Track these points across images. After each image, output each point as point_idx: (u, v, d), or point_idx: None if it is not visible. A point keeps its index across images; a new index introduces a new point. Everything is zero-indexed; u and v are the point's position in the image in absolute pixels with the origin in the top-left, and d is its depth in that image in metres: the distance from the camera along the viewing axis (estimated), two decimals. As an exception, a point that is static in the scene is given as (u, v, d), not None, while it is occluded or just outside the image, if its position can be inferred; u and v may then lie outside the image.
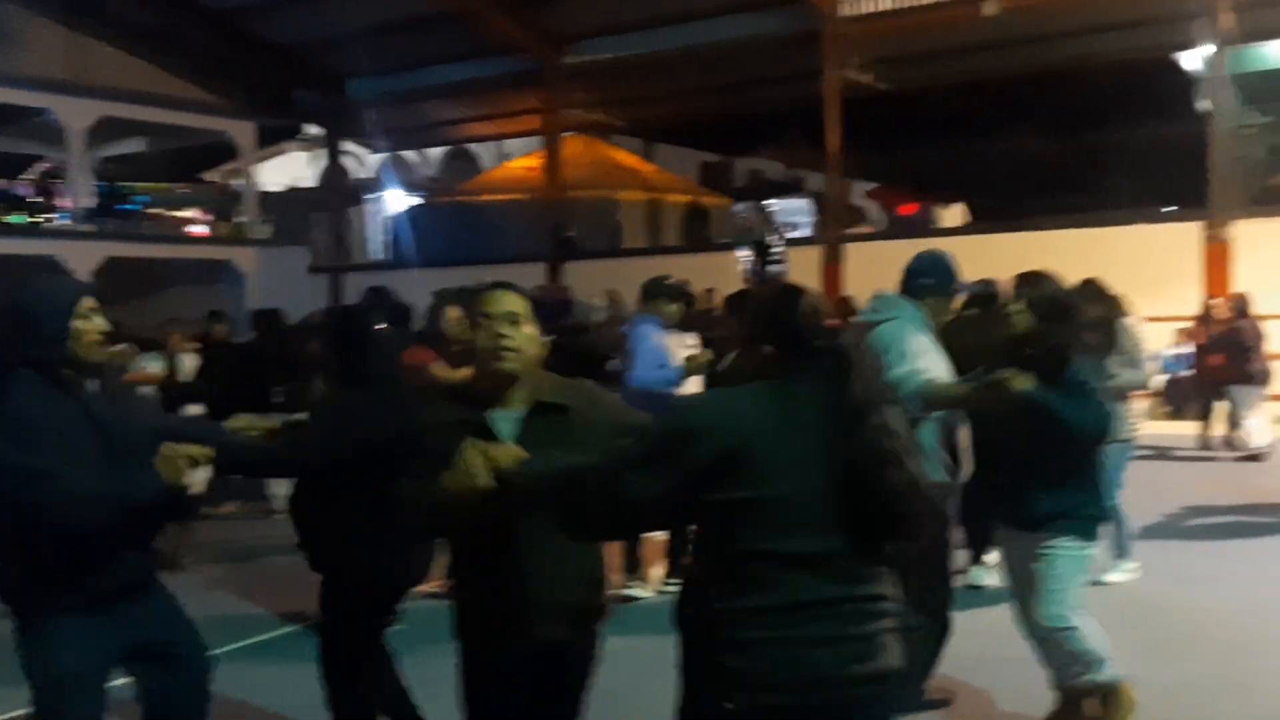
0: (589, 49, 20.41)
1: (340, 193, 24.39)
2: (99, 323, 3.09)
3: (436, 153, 29.52)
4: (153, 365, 10.47)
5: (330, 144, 24.60)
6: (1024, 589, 4.34)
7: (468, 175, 27.78)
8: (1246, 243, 15.52)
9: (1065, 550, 4.22)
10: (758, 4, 17.86)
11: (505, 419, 2.86)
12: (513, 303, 2.92)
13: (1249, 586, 6.57)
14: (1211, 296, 13.78)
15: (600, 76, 20.68)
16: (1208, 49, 16.11)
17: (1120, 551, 6.73)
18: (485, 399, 2.90)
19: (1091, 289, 6.69)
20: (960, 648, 4.76)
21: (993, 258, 14.38)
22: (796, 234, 22.11)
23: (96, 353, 3.09)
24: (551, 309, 11.41)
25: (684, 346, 6.74)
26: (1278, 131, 20.73)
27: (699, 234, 21.30)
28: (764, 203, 23.37)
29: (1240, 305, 11.60)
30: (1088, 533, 4.30)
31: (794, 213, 24.37)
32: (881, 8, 17.47)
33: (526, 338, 2.89)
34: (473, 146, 29.38)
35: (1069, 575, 4.24)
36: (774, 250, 11.26)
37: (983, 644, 5.22)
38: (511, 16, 19.39)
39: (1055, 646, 4.29)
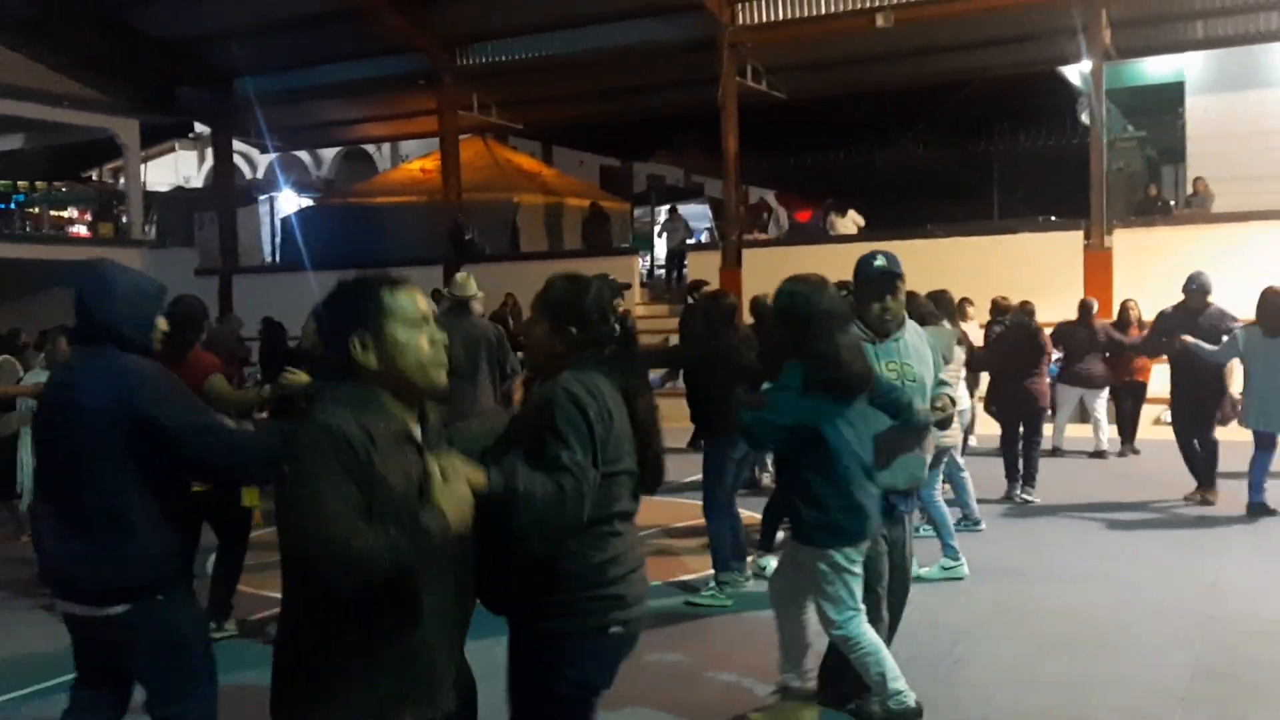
0: (486, 51, 20.21)
1: (229, 193, 23.71)
2: None
3: (330, 153, 28.98)
4: (40, 376, 9.82)
5: (218, 143, 23.91)
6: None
7: (363, 176, 27.34)
8: (1125, 251, 16.08)
9: (810, 556, 4.36)
10: (656, 10, 17.89)
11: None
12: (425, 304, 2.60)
13: (1124, 584, 6.77)
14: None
15: (498, 78, 20.50)
16: (1088, 64, 16.65)
17: (946, 549, 6.97)
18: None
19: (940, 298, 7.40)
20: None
21: (886, 265, 14.70)
22: (696, 238, 22.30)
23: None
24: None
25: None
26: (1153, 144, 21.57)
27: (599, 237, 21.27)
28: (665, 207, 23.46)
29: (1086, 310, 11.96)
30: (826, 539, 4.31)
31: (693, 218, 24.56)
32: (777, 17, 17.66)
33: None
34: (368, 147, 28.93)
35: (826, 579, 4.32)
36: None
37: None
38: (405, 16, 19.08)
39: (841, 645, 4.42)
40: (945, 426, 5.58)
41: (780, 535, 6.70)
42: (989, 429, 10.56)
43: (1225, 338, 8.75)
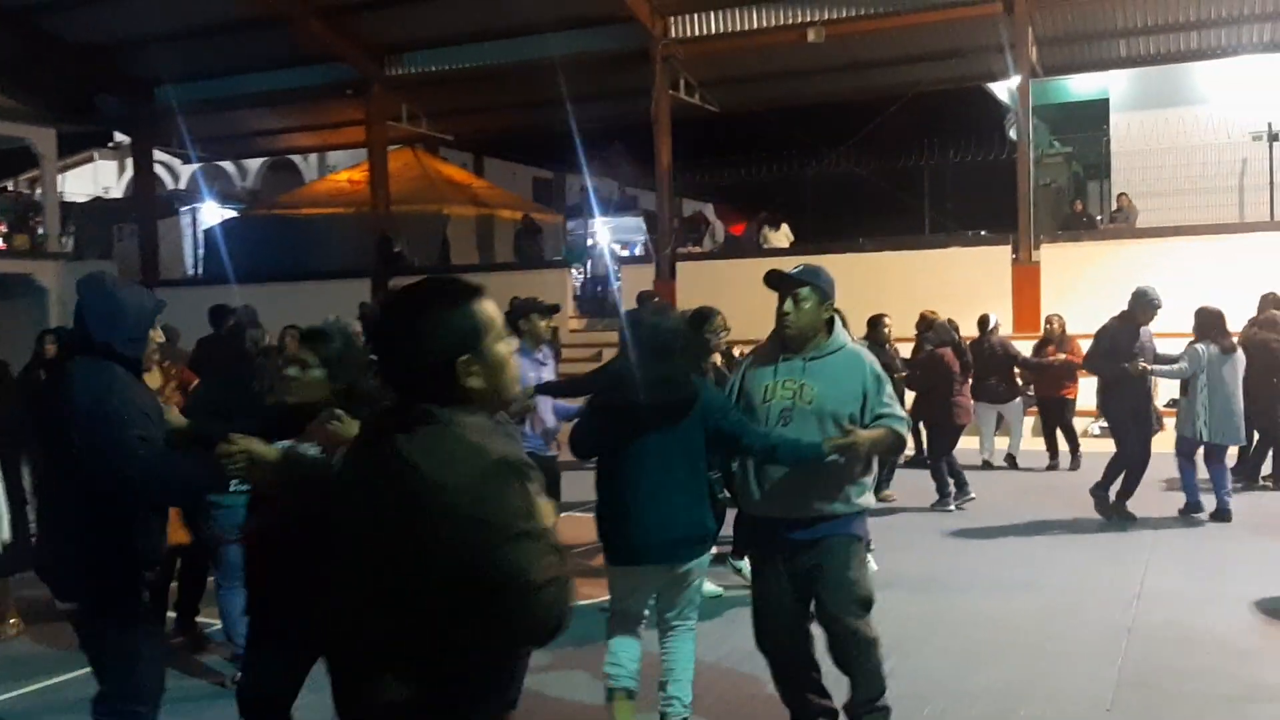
0: (416, 61, 19.96)
1: (149, 204, 23.09)
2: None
3: (255, 164, 28.42)
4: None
5: (138, 152, 23.29)
6: None
7: (289, 187, 26.85)
8: (1052, 265, 16.26)
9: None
10: (588, 22, 17.77)
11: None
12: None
13: (1052, 594, 6.74)
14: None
15: (428, 89, 20.25)
16: (1015, 81, 16.84)
17: None
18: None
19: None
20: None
21: (817, 278, 14.71)
22: (630, 251, 22.21)
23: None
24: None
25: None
26: (1079, 160, 21.93)
27: (531, 250, 21.07)
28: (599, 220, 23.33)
29: (983, 325, 12.02)
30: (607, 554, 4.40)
31: (627, 230, 24.47)
32: (709, 31, 17.66)
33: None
34: (295, 158, 28.43)
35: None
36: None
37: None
38: (331, 25, 18.74)
39: None
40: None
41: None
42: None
43: (1183, 354, 8.83)
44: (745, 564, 6.48)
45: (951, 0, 16.11)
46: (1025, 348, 12.54)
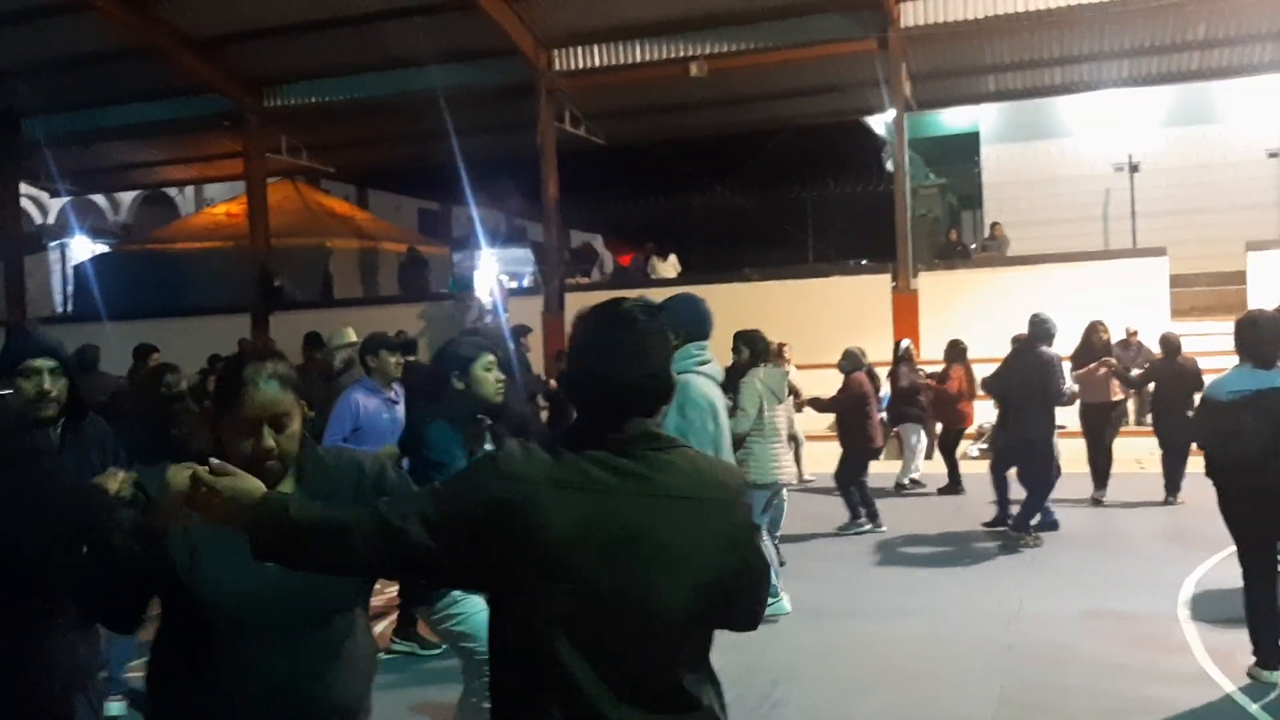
0: (295, 92, 19.60)
1: (15, 239, 22.12)
2: None
3: (128, 197, 27.51)
4: None
5: (2, 186, 22.30)
6: None
7: (164, 221, 26.06)
8: (930, 292, 16.71)
9: None
10: (471, 55, 17.72)
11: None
12: (282, 403, 2.31)
13: (935, 618, 6.87)
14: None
15: (308, 120, 19.90)
16: (891, 115, 17.33)
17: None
18: None
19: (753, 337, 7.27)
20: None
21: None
22: (519, 283, 22.11)
23: None
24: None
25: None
26: (954, 191, 22.67)
27: (416, 283, 20.81)
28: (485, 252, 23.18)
29: (896, 351, 12.34)
30: None
31: (515, 262, 24.36)
32: (593, 64, 17.77)
33: (289, 438, 2.33)
34: (170, 191, 27.62)
35: None
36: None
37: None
38: (203, 56, 18.24)
39: None
40: None
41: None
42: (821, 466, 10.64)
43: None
44: None
45: (829, 37, 16.49)
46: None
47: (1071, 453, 10.33)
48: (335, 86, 19.12)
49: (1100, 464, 10.55)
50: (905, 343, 12.59)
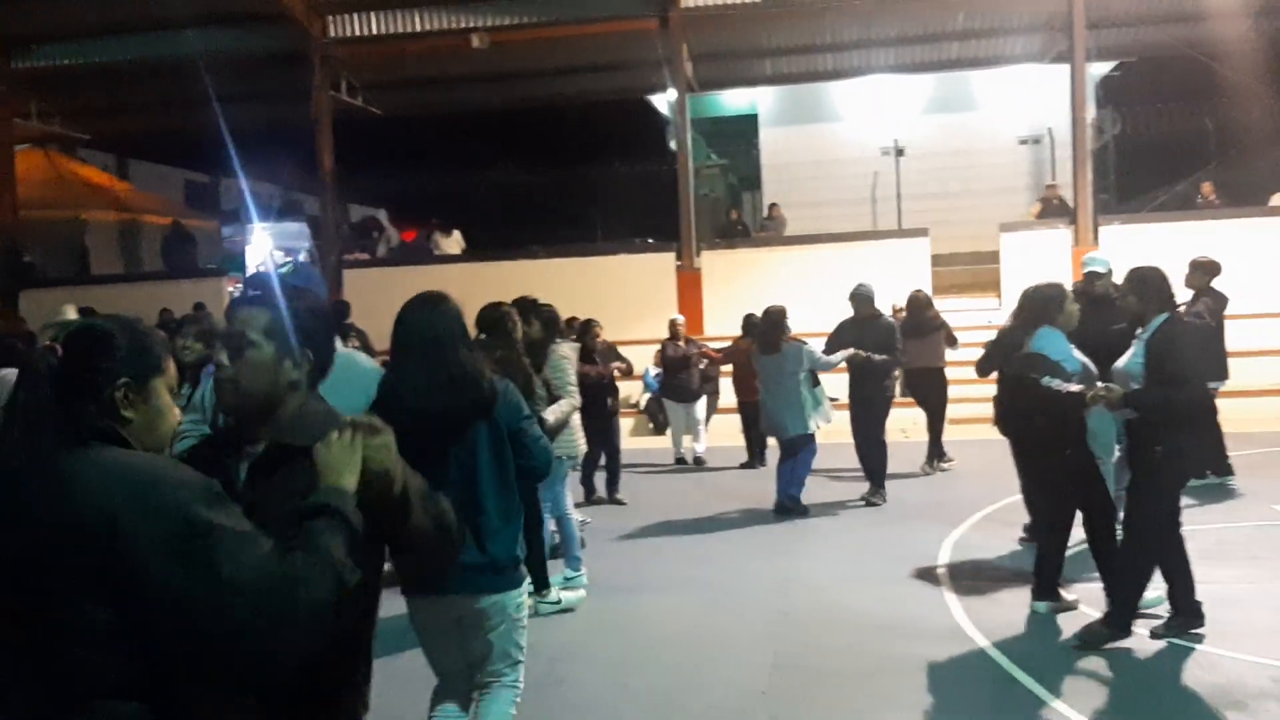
0: (46, 54, 18.16)
1: None
2: None
3: None
4: None
5: None
6: None
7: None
8: (712, 271, 17.09)
9: None
10: (239, 18, 16.85)
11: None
12: (244, 321, 2.23)
13: (712, 589, 7.00)
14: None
15: (61, 84, 18.49)
16: (673, 94, 17.56)
17: (570, 560, 7.01)
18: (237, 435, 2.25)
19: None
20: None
21: (490, 285, 14.66)
22: (294, 259, 21.22)
23: None
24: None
25: None
26: (734, 172, 23.21)
27: (182, 258, 19.66)
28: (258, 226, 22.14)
29: (672, 328, 12.54)
30: None
31: (290, 236, 23.38)
32: (370, 32, 17.22)
33: (250, 365, 2.22)
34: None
35: None
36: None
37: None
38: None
39: None
40: None
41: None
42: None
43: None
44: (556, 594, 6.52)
45: (611, 14, 16.56)
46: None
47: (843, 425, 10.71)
48: (90, 49, 17.84)
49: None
50: (676, 318, 12.76)
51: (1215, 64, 17.16)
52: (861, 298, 9.57)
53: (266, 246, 20.46)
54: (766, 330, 9.20)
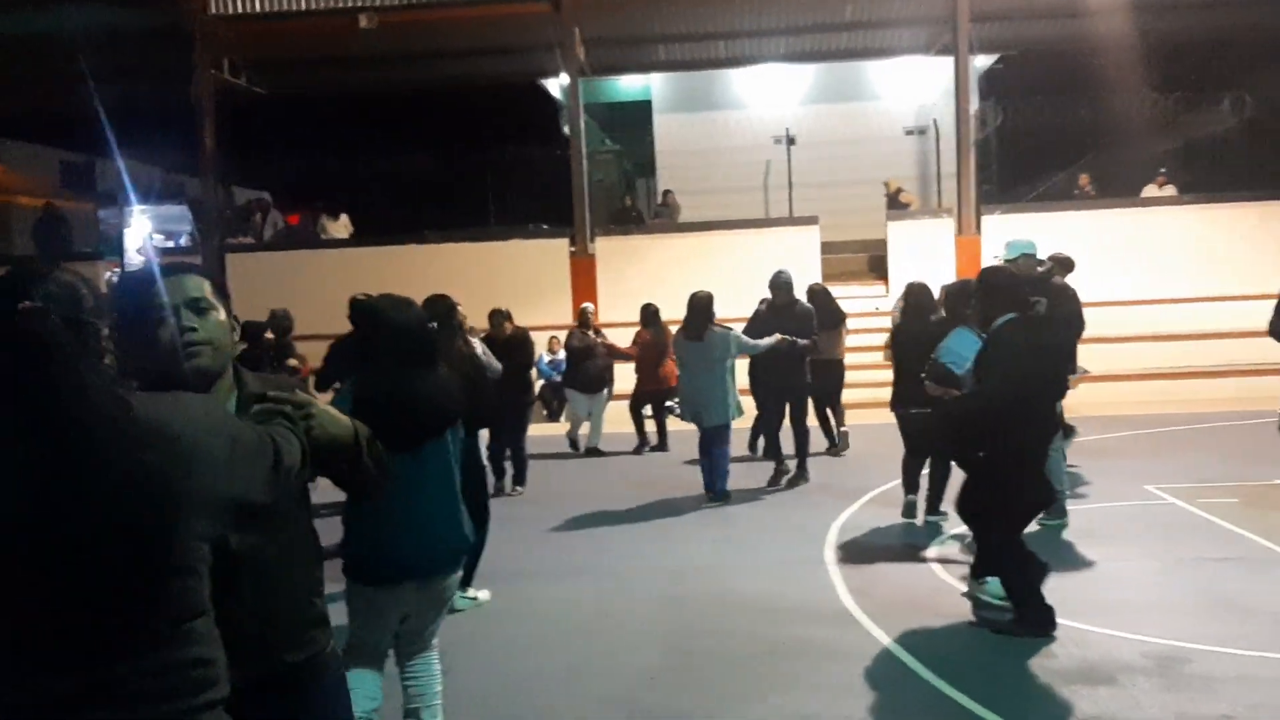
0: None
1: None
2: None
3: None
4: None
5: None
6: None
7: None
8: (607, 257, 17.07)
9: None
10: (115, -8, 16.20)
11: None
12: (195, 286, 2.32)
13: (607, 575, 7.02)
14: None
15: (-83, 57, 17.50)
16: (566, 79, 17.47)
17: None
18: None
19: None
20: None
21: (381, 271, 14.43)
22: (175, 242, 20.56)
23: None
24: None
25: None
26: (629, 158, 23.22)
27: (55, 241, 18.84)
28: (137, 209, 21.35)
29: (581, 316, 12.54)
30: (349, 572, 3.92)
31: (171, 220, 22.64)
32: (254, 9, 16.72)
33: (217, 326, 2.32)
34: None
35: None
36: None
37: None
38: None
39: None
40: None
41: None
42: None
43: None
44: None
45: (501, -4, 16.40)
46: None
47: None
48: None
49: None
50: (586, 306, 12.73)
51: (1093, 59, 17.76)
52: (781, 285, 9.64)
53: (145, 230, 19.77)
54: (693, 316, 9.09)
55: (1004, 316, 5.40)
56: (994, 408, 5.20)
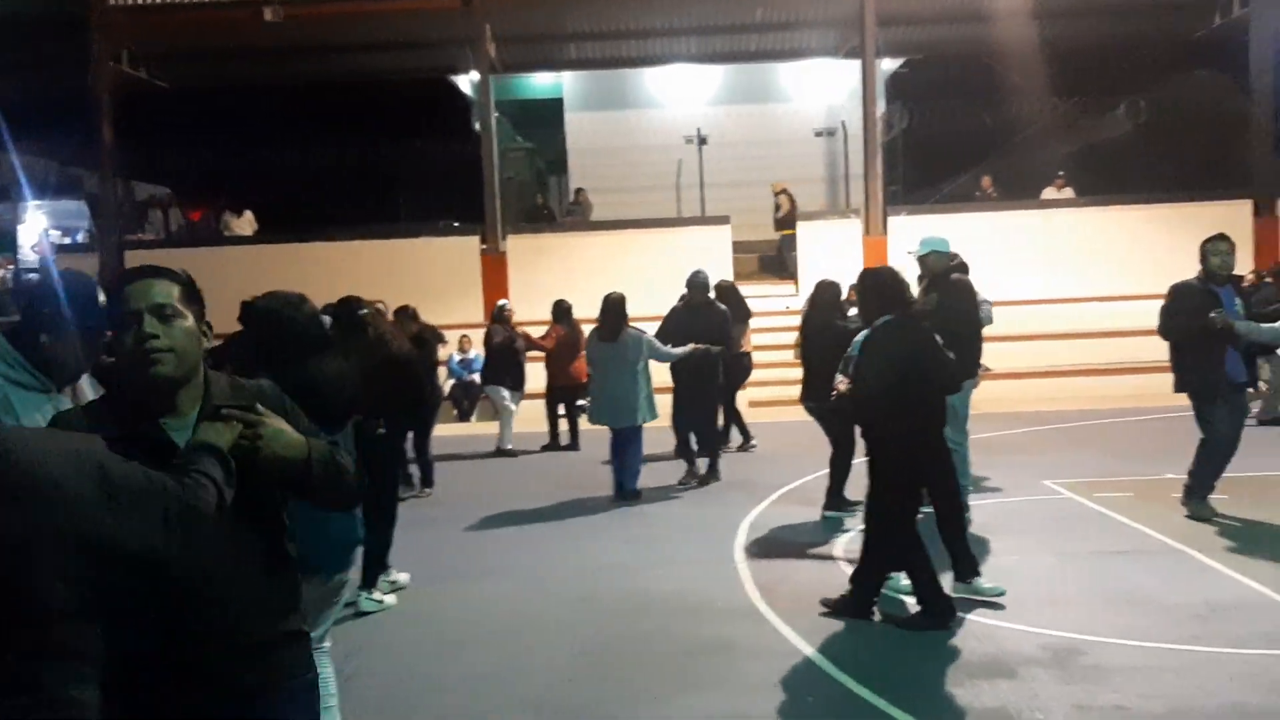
0: None
1: None
2: None
3: None
4: None
5: None
6: None
7: None
8: (518, 255, 16.99)
9: None
10: (6, -23, 15.63)
11: (181, 429, 2.27)
12: (162, 291, 2.26)
13: (521, 577, 6.99)
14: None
15: None
16: (477, 76, 17.34)
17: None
18: (147, 408, 2.27)
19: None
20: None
21: (286, 269, 14.16)
22: (73, 239, 19.95)
23: None
24: None
25: None
26: (541, 156, 23.14)
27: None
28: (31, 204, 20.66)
29: (498, 314, 12.45)
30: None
31: (68, 215, 21.98)
32: (154, 0, 16.29)
33: (183, 333, 2.26)
34: None
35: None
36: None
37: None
38: None
39: None
40: None
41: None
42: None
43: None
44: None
45: (410, -10, 16.21)
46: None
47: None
48: None
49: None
50: (503, 303, 12.60)
51: (996, 64, 18.21)
52: (698, 285, 9.69)
53: (41, 226, 19.14)
54: (608, 317, 9.04)
55: (883, 318, 5.61)
56: (871, 403, 5.58)
